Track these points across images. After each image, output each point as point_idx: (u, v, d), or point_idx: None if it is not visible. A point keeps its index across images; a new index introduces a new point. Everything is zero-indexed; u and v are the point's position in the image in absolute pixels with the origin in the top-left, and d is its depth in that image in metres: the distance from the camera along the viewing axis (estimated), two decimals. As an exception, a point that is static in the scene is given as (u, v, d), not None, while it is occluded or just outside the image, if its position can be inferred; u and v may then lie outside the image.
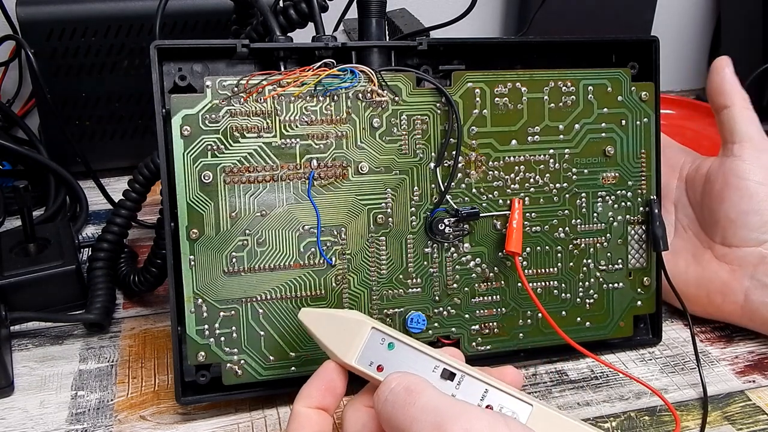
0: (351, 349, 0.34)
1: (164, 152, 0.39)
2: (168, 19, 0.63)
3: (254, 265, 0.40)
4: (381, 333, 0.34)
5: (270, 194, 0.40)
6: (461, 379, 0.33)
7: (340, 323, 0.35)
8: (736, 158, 0.46)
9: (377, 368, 0.34)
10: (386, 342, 0.34)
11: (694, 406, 0.43)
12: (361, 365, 0.34)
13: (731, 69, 0.48)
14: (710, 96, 0.48)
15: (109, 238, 0.51)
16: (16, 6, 0.62)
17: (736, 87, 0.47)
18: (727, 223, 0.47)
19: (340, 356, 0.34)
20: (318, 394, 0.33)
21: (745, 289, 0.46)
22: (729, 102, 0.47)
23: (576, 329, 0.45)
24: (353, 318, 0.35)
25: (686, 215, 0.50)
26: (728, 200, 0.46)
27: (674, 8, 0.98)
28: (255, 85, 0.40)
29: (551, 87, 0.44)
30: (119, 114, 0.67)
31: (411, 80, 0.42)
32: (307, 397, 0.33)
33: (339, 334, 0.34)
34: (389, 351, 0.34)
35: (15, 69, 0.74)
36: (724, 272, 0.47)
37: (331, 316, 0.35)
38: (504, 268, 0.44)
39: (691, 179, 0.50)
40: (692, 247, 0.49)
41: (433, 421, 0.28)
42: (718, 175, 0.47)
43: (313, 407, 0.33)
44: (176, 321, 0.40)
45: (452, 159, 0.43)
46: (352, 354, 0.34)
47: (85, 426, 0.41)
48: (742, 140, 0.47)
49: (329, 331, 0.34)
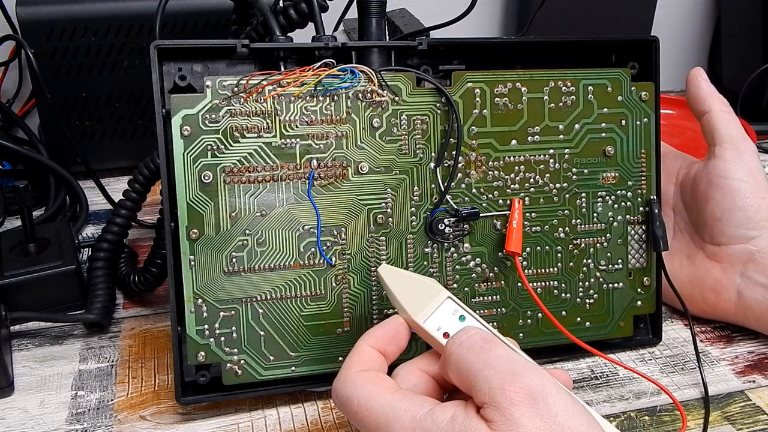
0: (423, 310, 0.35)
1: (164, 152, 0.39)
2: (168, 19, 0.63)
3: (254, 265, 0.40)
4: (455, 304, 0.36)
5: (270, 194, 0.40)
6: None
7: (418, 284, 0.36)
8: (718, 159, 0.48)
9: (443, 335, 0.35)
10: (458, 314, 0.36)
11: (695, 406, 0.43)
12: (430, 328, 0.35)
13: (705, 78, 0.50)
14: (690, 104, 0.50)
15: (109, 238, 0.51)
16: (16, 6, 0.62)
17: (713, 93, 0.49)
18: (713, 222, 0.48)
19: (412, 314, 0.35)
20: (384, 338, 0.35)
21: (737, 287, 0.47)
22: (707, 107, 0.49)
23: (576, 329, 0.45)
24: (432, 284, 0.37)
25: (682, 218, 0.51)
26: (712, 199, 0.47)
27: (674, 8, 0.98)
28: (255, 85, 0.40)
29: (551, 87, 0.44)
30: (119, 114, 0.68)
31: (411, 80, 0.42)
32: (374, 338, 0.35)
33: (415, 294, 0.36)
34: (460, 322, 0.36)
35: (15, 69, 0.74)
36: (716, 270, 0.48)
37: (410, 277, 0.37)
38: (504, 268, 0.44)
39: (684, 183, 0.51)
40: (687, 248, 0.50)
41: (508, 369, 0.30)
42: (703, 176, 0.48)
43: (375, 347, 0.35)
44: (176, 321, 0.40)
45: (452, 159, 0.43)
46: (423, 315, 0.35)
47: (85, 426, 0.41)
48: (723, 141, 0.48)
49: (406, 289, 0.36)
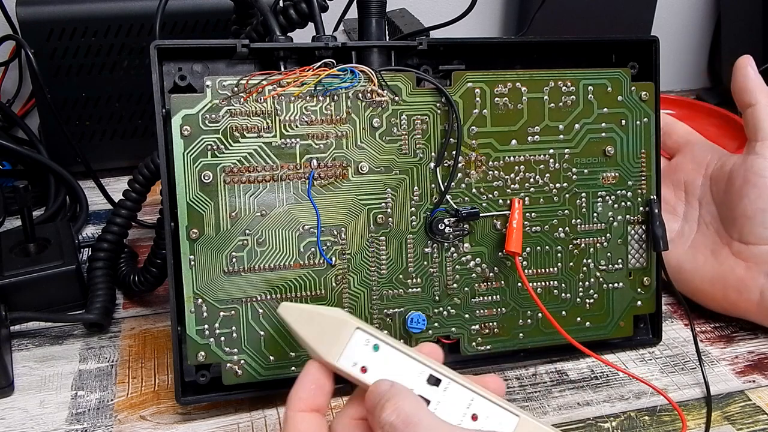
0: (334, 348, 0.32)
1: (164, 152, 0.39)
2: (168, 19, 0.63)
3: (254, 265, 0.40)
4: (366, 334, 0.33)
5: (270, 194, 0.40)
6: (447, 385, 0.32)
7: (322, 321, 0.33)
8: (758, 156, 0.47)
9: (361, 369, 0.32)
10: (371, 343, 0.32)
11: (695, 406, 0.43)
12: (345, 366, 0.32)
13: (754, 67, 0.48)
14: (735, 94, 0.48)
15: (109, 238, 0.51)
16: (16, 6, 0.62)
17: (761, 85, 0.48)
18: (744, 220, 0.47)
19: (323, 355, 0.32)
20: (308, 396, 0.32)
21: (760, 287, 0.46)
22: (753, 100, 0.48)
23: (576, 329, 0.45)
24: (337, 317, 0.33)
25: (709, 212, 0.50)
26: (746, 197, 0.47)
27: (674, 8, 0.98)
28: (255, 85, 0.40)
29: (551, 87, 0.44)
30: (119, 114, 0.67)
31: (411, 80, 0.42)
32: (298, 401, 0.32)
33: (321, 333, 0.32)
34: (374, 353, 0.32)
35: (15, 69, 0.74)
36: (741, 269, 0.47)
37: (313, 313, 0.33)
38: (504, 268, 0.44)
39: (716, 176, 0.50)
40: (711, 243, 0.49)
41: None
42: (740, 172, 0.47)
43: (305, 410, 0.32)
44: (176, 321, 0.40)
45: (452, 159, 0.43)
46: (335, 353, 0.32)
47: (85, 426, 0.41)
48: (765, 138, 0.47)
49: (311, 329, 0.32)
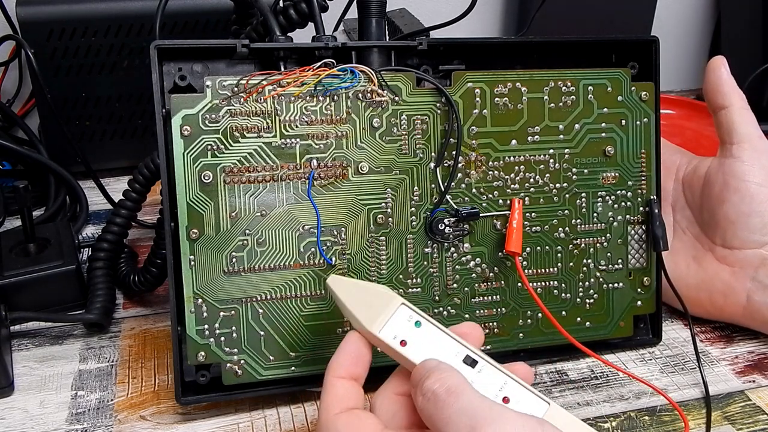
0: (377, 319, 0.34)
1: (164, 152, 0.39)
2: (168, 19, 0.63)
3: (254, 265, 0.40)
4: (410, 310, 0.35)
5: (270, 194, 0.40)
6: (482, 367, 0.33)
7: (369, 293, 0.35)
8: (736, 159, 0.46)
9: (401, 342, 0.34)
10: (413, 320, 0.35)
11: (695, 406, 0.43)
12: (386, 337, 0.34)
13: (727, 69, 0.47)
14: (707, 96, 0.48)
15: (109, 238, 0.51)
16: (16, 6, 0.62)
17: (734, 87, 0.47)
18: (727, 225, 0.46)
19: (366, 325, 0.34)
20: (348, 363, 0.34)
21: (747, 291, 0.46)
22: (727, 102, 0.47)
23: (576, 329, 0.45)
24: (383, 291, 0.35)
25: (685, 217, 0.50)
26: (728, 202, 0.46)
27: (674, 8, 0.98)
28: (255, 85, 0.40)
29: (551, 87, 0.44)
30: (119, 114, 0.67)
31: (411, 80, 0.42)
32: (338, 367, 0.34)
33: (366, 304, 0.35)
34: (416, 329, 0.34)
35: (15, 69, 0.74)
36: (726, 274, 0.47)
37: (360, 286, 0.36)
38: (504, 268, 0.44)
39: (689, 180, 0.49)
40: (692, 249, 0.49)
41: (468, 424, 0.29)
42: (717, 176, 0.47)
43: (345, 377, 0.34)
44: (176, 321, 0.40)
45: (452, 159, 0.43)
46: (377, 325, 0.34)
47: (85, 426, 0.41)
48: (741, 141, 0.46)
49: (357, 300, 0.35)
